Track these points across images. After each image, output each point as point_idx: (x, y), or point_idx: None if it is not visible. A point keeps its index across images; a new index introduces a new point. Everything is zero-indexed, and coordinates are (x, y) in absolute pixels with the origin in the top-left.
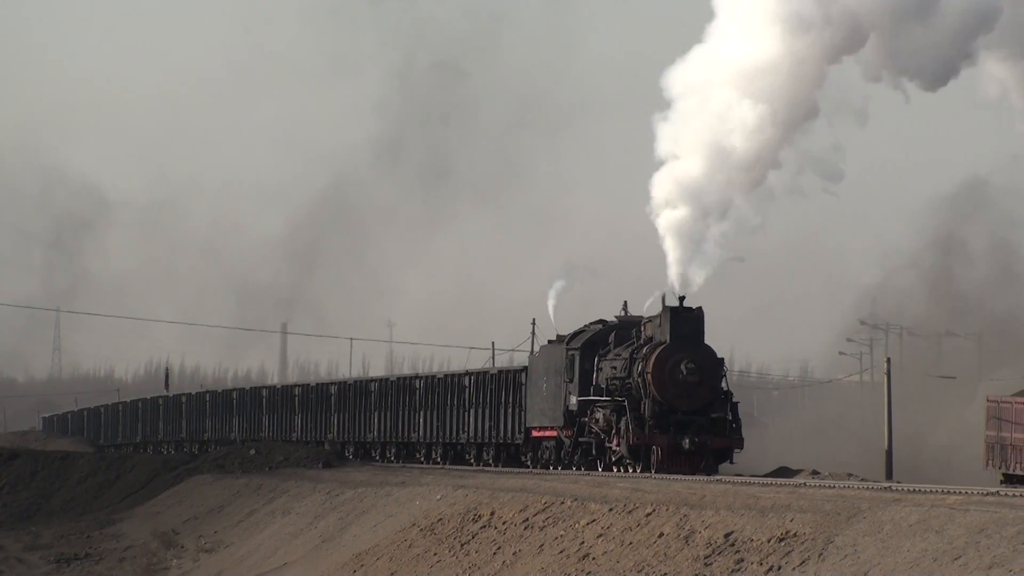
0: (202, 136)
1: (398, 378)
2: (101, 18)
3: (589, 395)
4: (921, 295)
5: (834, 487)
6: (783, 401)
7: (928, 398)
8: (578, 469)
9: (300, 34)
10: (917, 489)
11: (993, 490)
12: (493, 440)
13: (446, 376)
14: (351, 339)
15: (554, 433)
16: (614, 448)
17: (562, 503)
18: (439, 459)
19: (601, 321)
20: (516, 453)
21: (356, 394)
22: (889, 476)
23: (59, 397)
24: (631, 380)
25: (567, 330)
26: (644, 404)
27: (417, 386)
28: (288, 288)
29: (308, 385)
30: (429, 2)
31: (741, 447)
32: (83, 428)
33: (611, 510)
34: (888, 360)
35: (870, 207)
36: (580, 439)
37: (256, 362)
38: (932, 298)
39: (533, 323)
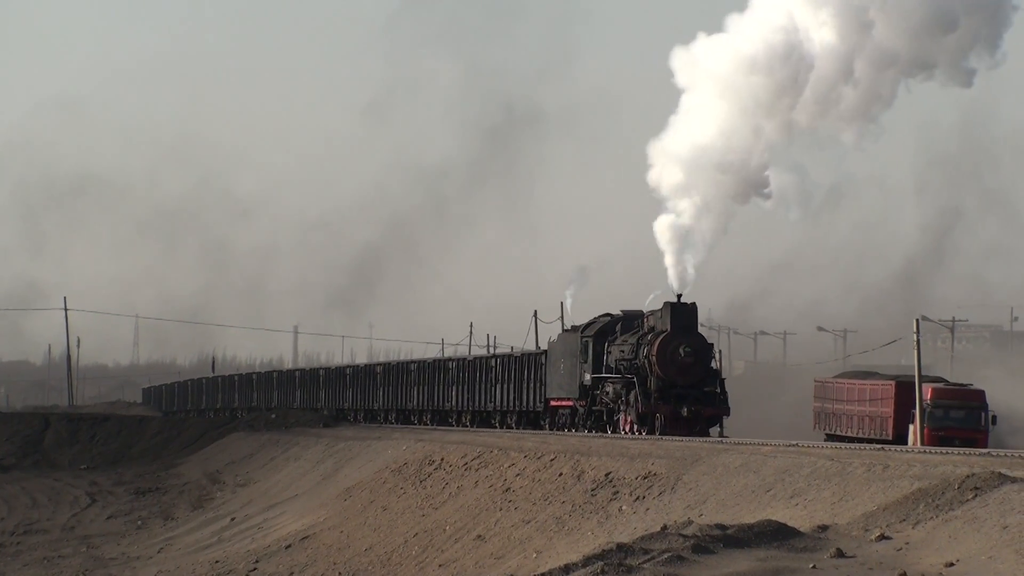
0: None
1: (435, 360)
2: (274, 86)
3: (601, 373)
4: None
5: (683, 440)
6: None
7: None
8: (590, 431)
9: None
10: (741, 442)
11: (794, 442)
12: (516, 408)
13: (475, 359)
14: (342, 336)
15: (570, 403)
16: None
17: (491, 452)
18: (468, 423)
19: (607, 314)
20: (535, 419)
21: (398, 373)
22: (721, 434)
23: (137, 377)
24: (638, 361)
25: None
26: (650, 380)
27: (450, 367)
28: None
29: (358, 366)
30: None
31: (728, 414)
32: (155, 399)
33: (525, 456)
34: (720, 351)
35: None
36: (593, 408)
37: (276, 352)
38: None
39: (471, 326)
